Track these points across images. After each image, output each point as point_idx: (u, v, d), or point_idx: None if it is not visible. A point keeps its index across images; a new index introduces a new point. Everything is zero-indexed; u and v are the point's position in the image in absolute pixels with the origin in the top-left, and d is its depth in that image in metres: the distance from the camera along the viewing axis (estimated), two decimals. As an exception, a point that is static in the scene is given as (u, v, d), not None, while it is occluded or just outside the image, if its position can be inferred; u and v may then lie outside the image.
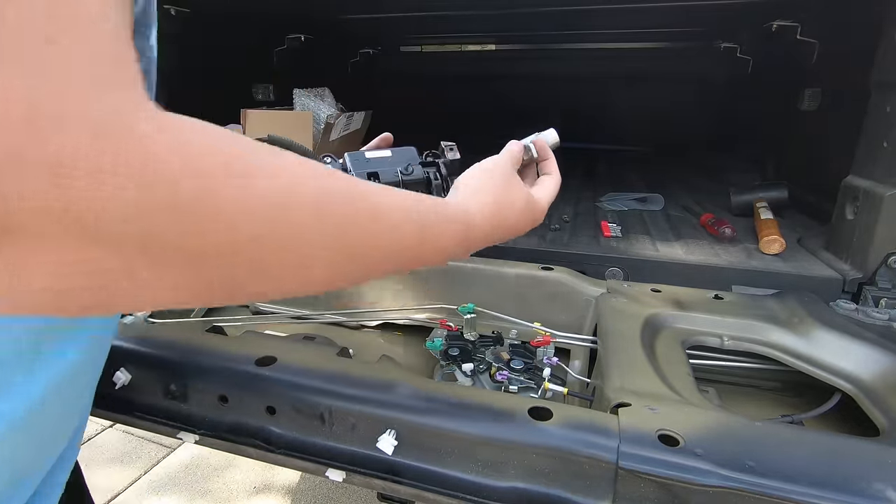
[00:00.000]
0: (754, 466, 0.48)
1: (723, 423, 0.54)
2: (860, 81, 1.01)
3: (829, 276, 0.93)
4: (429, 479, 0.56)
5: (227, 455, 1.63)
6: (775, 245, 1.04)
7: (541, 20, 1.81)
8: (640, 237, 1.15)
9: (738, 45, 2.03)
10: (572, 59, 2.61)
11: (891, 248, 0.88)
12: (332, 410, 0.59)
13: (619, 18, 1.80)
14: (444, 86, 2.84)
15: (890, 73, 0.92)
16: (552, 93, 2.67)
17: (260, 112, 1.38)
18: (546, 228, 1.22)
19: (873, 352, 0.71)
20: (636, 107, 2.57)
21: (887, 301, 0.86)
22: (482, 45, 2.59)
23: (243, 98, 1.86)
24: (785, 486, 0.46)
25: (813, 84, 1.45)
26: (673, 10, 1.56)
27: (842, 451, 0.52)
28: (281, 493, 1.57)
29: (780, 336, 0.79)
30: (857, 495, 0.45)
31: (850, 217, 0.97)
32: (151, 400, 0.68)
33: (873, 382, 0.68)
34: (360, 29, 2.15)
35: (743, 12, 1.55)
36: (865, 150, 0.97)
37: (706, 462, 0.48)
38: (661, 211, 1.40)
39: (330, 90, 1.51)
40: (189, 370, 0.66)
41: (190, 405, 0.66)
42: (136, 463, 1.66)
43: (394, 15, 1.74)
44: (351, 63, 2.60)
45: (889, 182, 0.88)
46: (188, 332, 0.74)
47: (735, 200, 1.35)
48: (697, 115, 2.50)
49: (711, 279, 0.96)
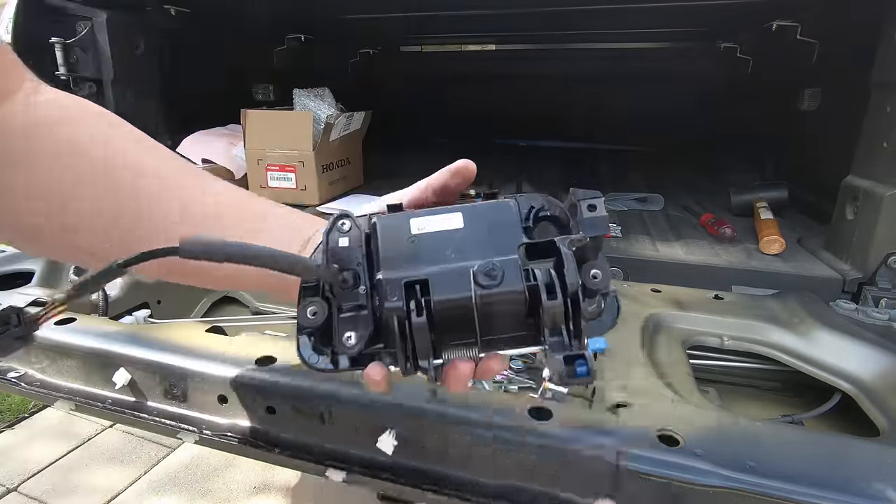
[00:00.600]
0: (754, 466, 0.48)
1: (723, 423, 0.54)
2: (860, 81, 1.01)
3: (829, 276, 0.93)
4: (429, 478, 0.56)
5: (227, 455, 1.62)
6: (775, 245, 1.04)
7: (541, 20, 1.81)
8: (640, 237, 1.15)
9: (738, 45, 2.03)
10: (572, 59, 2.61)
11: (891, 248, 0.88)
12: (332, 410, 0.59)
13: (619, 18, 1.80)
14: (443, 86, 2.84)
15: (890, 73, 0.92)
16: (553, 93, 2.67)
17: (260, 112, 1.38)
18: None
19: (873, 352, 0.71)
20: (636, 107, 2.57)
21: (887, 301, 0.86)
22: (482, 45, 2.59)
23: (243, 98, 1.86)
24: (785, 486, 0.46)
25: (813, 84, 1.45)
26: (673, 11, 1.56)
27: (842, 451, 0.52)
28: (281, 493, 1.57)
29: (780, 336, 0.78)
30: (857, 495, 0.45)
31: (850, 217, 0.97)
32: (151, 400, 0.68)
33: (873, 382, 0.68)
34: (360, 29, 2.15)
35: (743, 12, 1.55)
36: (865, 150, 0.97)
37: (706, 462, 0.48)
38: (661, 211, 1.40)
39: (330, 90, 1.50)
40: (189, 370, 0.66)
41: (190, 405, 0.66)
42: (136, 463, 1.65)
43: (394, 15, 1.74)
44: (351, 63, 2.60)
45: (889, 182, 0.88)
46: (188, 332, 0.74)
47: (735, 200, 1.35)
48: (697, 115, 2.50)
49: (711, 279, 0.96)
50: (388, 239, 0.33)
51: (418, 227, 0.33)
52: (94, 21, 1.25)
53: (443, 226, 0.33)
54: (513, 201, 0.35)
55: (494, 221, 0.34)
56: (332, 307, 0.33)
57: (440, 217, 0.34)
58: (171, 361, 0.67)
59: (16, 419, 1.80)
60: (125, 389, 0.68)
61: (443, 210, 0.34)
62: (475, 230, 0.33)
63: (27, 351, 0.75)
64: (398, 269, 0.31)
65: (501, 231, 0.33)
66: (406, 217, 0.34)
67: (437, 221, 0.33)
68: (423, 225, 0.33)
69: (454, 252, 0.32)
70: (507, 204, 0.35)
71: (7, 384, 0.76)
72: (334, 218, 0.35)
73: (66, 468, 1.61)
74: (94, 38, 1.26)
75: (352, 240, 0.34)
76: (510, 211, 0.34)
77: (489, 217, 0.34)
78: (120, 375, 0.67)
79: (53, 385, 0.74)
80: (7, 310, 0.39)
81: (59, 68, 1.22)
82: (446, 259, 0.32)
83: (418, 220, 0.33)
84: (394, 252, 0.32)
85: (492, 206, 0.35)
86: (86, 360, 0.71)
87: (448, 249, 0.32)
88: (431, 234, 0.33)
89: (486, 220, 0.34)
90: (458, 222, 0.33)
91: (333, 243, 0.34)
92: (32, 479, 1.56)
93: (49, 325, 0.76)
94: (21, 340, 0.39)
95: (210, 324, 0.91)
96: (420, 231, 0.33)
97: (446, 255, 0.32)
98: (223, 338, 0.76)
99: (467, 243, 0.32)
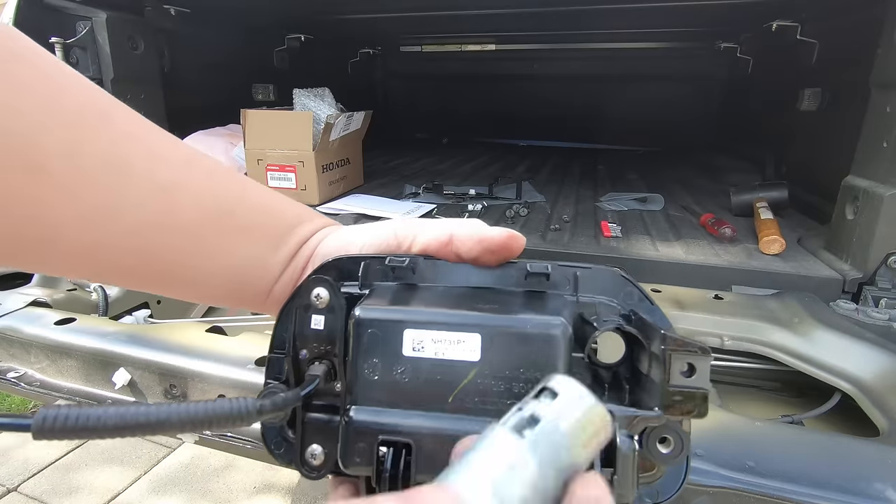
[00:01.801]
0: (754, 466, 0.48)
1: (723, 423, 0.54)
2: (860, 81, 1.01)
3: (829, 276, 0.93)
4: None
5: (227, 455, 1.63)
6: (775, 245, 1.04)
7: (541, 20, 1.81)
8: (640, 237, 1.15)
9: (738, 45, 2.04)
10: (573, 59, 2.61)
11: (891, 248, 0.88)
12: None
13: (620, 19, 1.80)
14: (443, 86, 2.84)
15: (890, 73, 0.92)
16: (553, 93, 2.67)
17: (260, 112, 1.38)
18: (546, 228, 1.22)
19: (873, 352, 0.71)
20: (636, 107, 2.57)
21: (887, 301, 0.86)
22: (482, 45, 2.59)
23: (243, 98, 1.86)
24: (785, 486, 0.46)
25: (813, 84, 1.45)
26: (673, 11, 1.56)
27: (842, 451, 0.52)
28: (281, 493, 1.57)
29: (780, 336, 0.78)
30: (857, 495, 0.45)
31: (850, 217, 0.97)
32: (151, 400, 0.68)
33: (873, 382, 0.68)
34: (360, 29, 2.15)
35: (743, 12, 1.55)
36: (865, 150, 0.97)
37: (706, 462, 0.48)
38: (661, 211, 1.40)
39: (330, 90, 1.50)
40: (189, 370, 0.66)
41: (190, 405, 0.66)
42: (136, 463, 1.65)
43: (394, 15, 1.74)
44: (351, 63, 2.60)
45: (889, 182, 0.88)
46: (188, 332, 0.74)
47: (735, 200, 1.35)
48: (697, 116, 2.50)
49: (711, 279, 0.96)
50: (370, 349, 0.24)
51: (414, 344, 0.24)
52: (93, 21, 1.25)
53: (448, 353, 0.23)
54: (561, 324, 0.23)
55: (526, 353, 0.23)
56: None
57: (448, 335, 0.23)
58: (171, 361, 0.67)
59: (16, 419, 1.80)
60: (125, 389, 0.68)
61: (455, 323, 0.23)
62: (495, 366, 0.23)
63: (27, 351, 0.75)
64: (375, 409, 0.24)
65: (532, 367, 0.23)
66: (400, 322, 0.24)
67: (442, 343, 0.23)
68: (422, 342, 0.24)
69: (458, 399, 0.23)
70: (552, 326, 0.23)
71: (7, 384, 0.76)
72: (308, 282, 0.26)
73: (66, 468, 1.61)
74: (94, 38, 1.26)
75: (328, 321, 0.26)
76: (555, 342, 0.23)
77: (519, 347, 0.23)
78: (120, 375, 0.68)
79: (53, 385, 0.74)
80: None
81: (59, 68, 1.22)
82: (443, 407, 0.23)
83: (415, 334, 0.24)
84: (375, 373, 0.24)
85: (530, 326, 0.23)
86: (86, 360, 0.71)
87: (449, 392, 0.23)
88: (430, 363, 0.23)
89: (514, 351, 0.23)
90: (474, 349, 0.23)
91: (303, 324, 0.26)
92: (32, 479, 1.56)
93: (49, 325, 0.76)
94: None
95: (210, 324, 0.91)
96: (415, 354, 0.24)
97: (444, 401, 0.23)
98: (223, 338, 0.76)
99: (479, 388, 0.23)
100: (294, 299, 0.27)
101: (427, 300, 0.26)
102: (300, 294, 0.26)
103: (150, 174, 0.26)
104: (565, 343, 0.23)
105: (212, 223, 0.28)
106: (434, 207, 1.37)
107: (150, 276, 0.29)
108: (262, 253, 0.30)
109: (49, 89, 0.24)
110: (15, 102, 0.23)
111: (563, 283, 0.27)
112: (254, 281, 0.30)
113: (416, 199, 1.46)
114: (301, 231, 0.32)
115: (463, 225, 0.29)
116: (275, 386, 0.27)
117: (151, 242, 0.27)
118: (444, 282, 0.28)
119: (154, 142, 0.27)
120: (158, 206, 0.26)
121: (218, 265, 0.29)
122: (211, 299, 0.32)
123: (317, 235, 0.33)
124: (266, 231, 0.31)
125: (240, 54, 1.83)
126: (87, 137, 0.24)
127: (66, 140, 0.24)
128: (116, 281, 0.29)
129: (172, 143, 0.28)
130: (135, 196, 0.26)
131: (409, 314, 0.24)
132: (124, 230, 0.26)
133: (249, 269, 0.30)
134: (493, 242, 0.27)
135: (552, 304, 0.25)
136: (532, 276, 0.27)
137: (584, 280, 0.27)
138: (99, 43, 1.27)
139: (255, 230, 0.30)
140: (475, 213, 1.32)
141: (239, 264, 0.30)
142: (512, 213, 1.30)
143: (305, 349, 0.26)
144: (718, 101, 2.44)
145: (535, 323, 0.23)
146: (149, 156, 0.27)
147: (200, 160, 0.29)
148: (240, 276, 0.30)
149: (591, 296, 0.27)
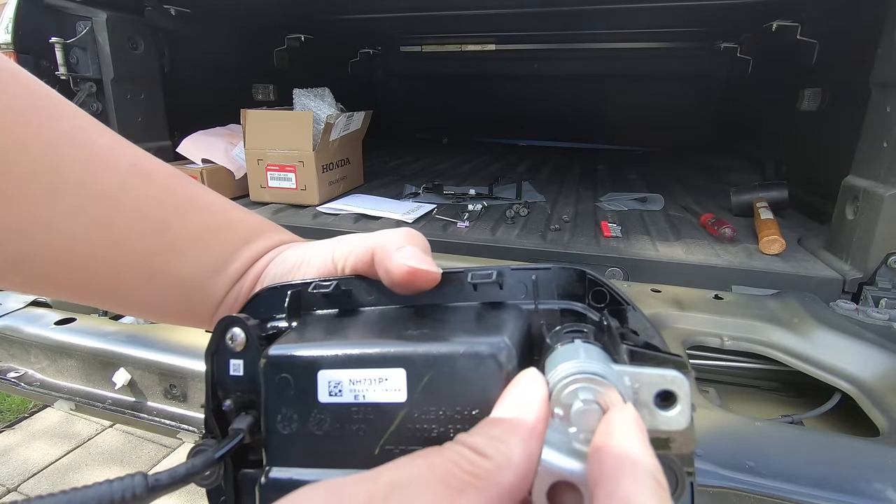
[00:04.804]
0: (754, 466, 0.48)
1: (723, 423, 0.54)
2: (860, 81, 1.01)
3: (829, 276, 0.93)
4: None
5: (227, 455, 1.63)
6: (775, 245, 1.04)
7: (541, 20, 1.81)
8: (640, 237, 1.15)
9: (738, 45, 2.04)
10: (572, 59, 2.61)
11: (891, 248, 0.88)
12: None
13: (620, 19, 1.80)
14: (443, 86, 2.84)
15: (890, 73, 0.92)
16: (553, 93, 2.67)
17: (260, 112, 1.38)
18: (546, 228, 1.22)
19: (873, 352, 0.71)
20: (636, 107, 2.57)
21: (887, 301, 0.86)
22: (482, 45, 2.59)
23: (243, 98, 1.86)
24: (785, 486, 0.46)
25: (813, 84, 1.45)
26: (673, 11, 1.56)
27: (842, 451, 0.52)
28: (281, 493, 1.57)
29: (780, 336, 0.79)
30: (857, 495, 0.45)
31: (850, 217, 0.97)
32: (151, 400, 0.68)
33: (873, 382, 0.68)
34: (360, 29, 2.15)
35: (743, 12, 1.55)
36: (865, 150, 0.97)
37: (706, 462, 0.48)
38: (661, 211, 1.40)
39: (330, 90, 1.50)
40: (189, 370, 0.66)
41: (190, 405, 0.66)
42: (136, 463, 1.65)
43: (394, 15, 1.74)
44: (351, 63, 2.60)
45: (889, 182, 0.88)
46: (188, 332, 0.74)
47: (735, 200, 1.35)
48: (697, 116, 2.50)
49: (711, 279, 0.96)
50: (282, 397, 0.20)
51: (330, 388, 0.20)
52: (93, 21, 1.25)
53: (370, 394, 0.19)
54: (503, 347, 0.19)
55: (462, 386, 0.18)
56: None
57: (367, 374, 0.19)
58: (171, 361, 0.67)
59: (16, 419, 1.80)
60: (125, 389, 0.68)
61: (374, 358, 0.19)
62: (427, 405, 0.19)
63: (27, 351, 0.75)
64: (293, 469, 0.20)
65: (471, 402, 0.18)
66: (313, 362, 0.20)
67: (361, 383, 0.19)
68: (339, 384, 0.20)
69: (384, 451, 0.19)
70: (490, 351, 0.18)
71: (7, 384, 0.76)
72: (221, 323, 0.23)
73: (66, 468, 1.61)
74: (94, 38, 1.26)
75: (247, 365, 0.23)
76: (493, 372, 0.18)
77: (452, 380, 0.19)
78: (120, 375, 0.68)
79: (53, 385, 0.74)
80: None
81: (59, 68, 1.22)
82: (369, 462, 0.18)
83: (331, 375, 0.20)
84: (289, 426, 0.20)
85: (463, 353, 0.19)
86: (86, 360, 0.71)
87: (375, 443, 0.19)
88: (350, 409, 0.19)
89: (448, 386, 0.19)
90: (398, 388, 0.19)
91: (221, 370, 0.23)
92: (32, 479, 1.56)
93: (49, 325, 0.76)
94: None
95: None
96: (332, 400, 0.20)
97: (370, 453, 0.19)
98: (223, 338, 0.76)
99: (409, 435, 0.19)
100: (210, 342, 0.24)
101: (351, 332, 0.22)
102: (214, 336, 0.24)
103: (88, 181, 0.24)
104: (510, 369, 0.18)
105: (150, 235, 0.26)
106: (434, 207, 1.37)
107: (83, 290, 0.26)
108: (202, 272, 0.28)
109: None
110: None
111: (519, 289, 0.23)
112: (194, 304, 0.28)
113: (416, 199, 1.46)
114: (253, 248, 0.29)
115: (384, 243, 0.24)
116: (204, 444, 0.23)
117: (84, 255, 0.25)
118: (385, 303, 0.24)
119: (98, 145, 0.25)
120: (95, 215, 0.24)
121: (157, 283, 0.27)
122: (153, 317, 0.30)
123: (270, 254, 0.29)
124: (211, 247, 0.28)
125: (240, 54, 1.83)
126: (21, 142, 0.23)
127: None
128: (50, 293, 0.27)
129: (119, 146, 0.26)
130: (69, 204, 0.24)
131: (323, 351, 0.20)
132: (56, 241, 0.24)
133: (188, 291, 0.28)
134: (396, 275, 0.23)
135: (499, 320, 0.21)
136: (481, 287, 0.23)
137: (543, 284, 0.23)
138: (99, 43, 1.27)
139: (197, 246, 0.27)
140: (475, 213, 1.32)
141: (177, 284, 0.27)
142: (512, 213, 1.30)
143: (229, 399, 0.23)
144: (718, 101, 2.44)
145: (469, 349, 0.19)
146: (90, 160, 0.25)
147: (148, 166, 0.27)
148: (180, 297, 0.28)
149: (553, 302, 0.23)
